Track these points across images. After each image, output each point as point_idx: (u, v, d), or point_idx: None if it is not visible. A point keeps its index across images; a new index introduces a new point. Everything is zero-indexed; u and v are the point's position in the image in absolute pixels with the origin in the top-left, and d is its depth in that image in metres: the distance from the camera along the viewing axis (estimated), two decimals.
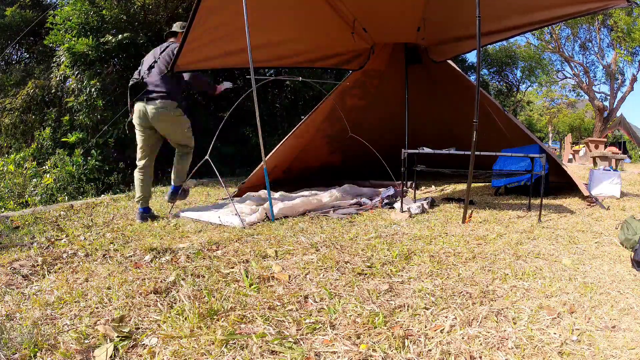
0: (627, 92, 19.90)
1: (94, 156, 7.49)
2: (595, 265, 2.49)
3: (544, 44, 21.23)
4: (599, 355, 1.50)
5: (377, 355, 1.48)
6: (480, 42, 3.56)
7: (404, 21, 5.35)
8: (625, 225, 3.01)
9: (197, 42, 4.22)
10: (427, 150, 4.25)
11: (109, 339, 1.58)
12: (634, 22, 17.57)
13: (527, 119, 30.29)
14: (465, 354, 1.49)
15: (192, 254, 2.70)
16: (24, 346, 1.53)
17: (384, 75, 6.44)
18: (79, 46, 7.77)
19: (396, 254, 2.64)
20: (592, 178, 5.48)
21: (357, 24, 5.37)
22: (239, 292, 2.03)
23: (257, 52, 3.99)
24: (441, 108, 6.60)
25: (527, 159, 4.97)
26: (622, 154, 13.92)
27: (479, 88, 3.60)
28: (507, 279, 2.24)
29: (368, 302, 1.92)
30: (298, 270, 2.36)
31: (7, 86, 10.43)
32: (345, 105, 6.22)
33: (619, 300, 1.96)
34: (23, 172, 7.09)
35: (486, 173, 5.66)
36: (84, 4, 8.10)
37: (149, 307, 1.88)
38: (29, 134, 9.32)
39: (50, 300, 1.97)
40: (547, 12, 4.16)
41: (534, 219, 3.79)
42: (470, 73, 15.66)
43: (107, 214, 4.31)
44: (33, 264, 2.53)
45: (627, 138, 22.95)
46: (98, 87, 7.89)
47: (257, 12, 3.99)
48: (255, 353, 1.50)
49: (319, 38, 5.41)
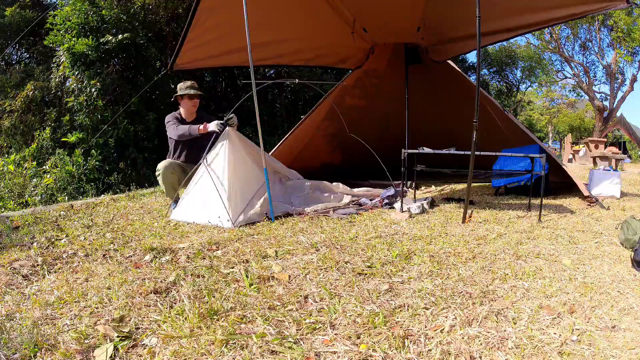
0: (627, 92, 19.92)
1: (94, 156, 7.49)
2: (595, 265, 2.49)
3: (544, 44, 21.24)
4: (599, 355, 1.50)
5: (377, 355, 1.48)
6: (480, 42, 3.56)
7: (403, 21, 5.35)
8: (625, 225, 3.01)
9: (197, 41, 4.23)
10: (427, 150, 4.25)
11: (109, 339, 1.58)
12: (634, 22, 17.58)
13: (527, 119, 30.29)
14: (465, 354, 1.49)
15: (192, 254, 2.70)
16: (24, 346, 1.53)
17: (384, 75, 6.45)
18: (79, 46, 7.77)
19: (396, 254, 2.64)
20: (592, 178, 5.48)
21: (357, 23, 5.37)
22: (239, 292, 2.03)
23: (256, 50, 3.99)
24: (441, 108, 6.60)
25: (527, 159, 4.97)
26: (622, 154, 13.92)
27: (478, 88, 3.60)
28: (507, 279, 2.24)
29: (368, 302, 1.92)
30: (298, 270, 2.36)
31: (6, 88, 10.43)
32: (345, 104, 6.23)
33: (619, 300, 1.96)
34: (23, 172, 7.09)
35: (486, 173, 5.67)
36: (84, 4, 8.10)
37: (149, 307, 1.88)
38: (29, 134, 9.32)
39: (50, 300, 1.97)
40: (548, 13, 4.16)
41: (534, 219, 3.79)
42: (470, 73, 15.68)
43: (107, 214, 4.31)
44: (33, 264, 2.53)
45: (627, 138, 22.95)
46: (98, 87, 7.89)
47: (257, 11, 3.99)
48: (255, 353, 1.50)
49: (318, 37, 5.42)
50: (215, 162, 3.94)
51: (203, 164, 3.99)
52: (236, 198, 3.75)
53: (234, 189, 3.77)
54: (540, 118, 31.58)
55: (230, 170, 3.82)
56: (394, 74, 6.34)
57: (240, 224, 3.58)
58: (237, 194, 3.77)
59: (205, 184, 3.91)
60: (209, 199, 3.78)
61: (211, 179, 3.82)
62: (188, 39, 4.28)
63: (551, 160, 5.03)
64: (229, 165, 3.83)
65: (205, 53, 4.74)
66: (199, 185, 3.97)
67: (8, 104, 9.40)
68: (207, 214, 3.71)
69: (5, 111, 9.40)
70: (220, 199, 3.67)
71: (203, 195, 3.86)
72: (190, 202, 3.94)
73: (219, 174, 3.86)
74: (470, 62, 18.41)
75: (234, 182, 3.80)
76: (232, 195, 3.73)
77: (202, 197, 3.86)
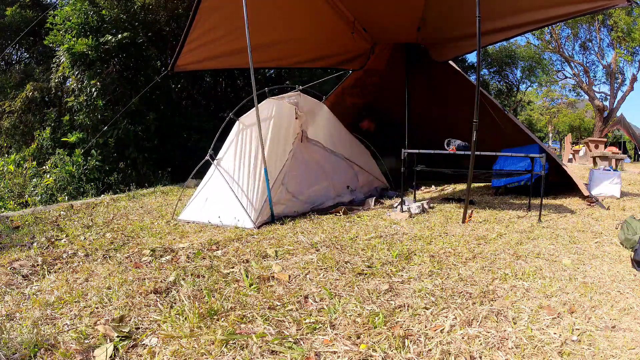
0: (627, 92, 19.90)
1: (94, 156, 7.48)
2: (595, 265, 2.49)
3: (544, 44, 21.23)
4: (599, 355, 1.50)
5: (377, 355, 1.48)
6: (480, 42, 3.56)
7: (404, 21, 5.35)
8: (625, 225, 3.01)
9: (197, 42, 4.22)
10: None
11: (109, 339, 1.58)
12: (634, 22, 17.57)
13: (527, 119, 30.27)
14: (465, 354, 1.49)
15: (192, 254, 2.70)
16: (24, 346, 1.52)
17: (384, 75, 6.44)
18: (79, 46, 7.76)
19: (396, 254, 2.63)
20: (592, 178, 5.48)
21: (357, 24, 5.37)
22: (239, 292, 2.03)
23: (257, 52, 3.99)
24: (441, 108, 6.60)
25: (527, 159, 4.97)
26: (622, 154, 13.92)
27: (478, 88, 3.60)
28: (507, 279, 2.24)
29: (368, 302, 1.92)
30: (298, 270, 2.36)
31: (6, 88, 10.43)
32: (345, 103, 6.22)
33: (619, 300, 1.96)
34: (23, 172, 7.08)
35: (486, 173, 5.66)
36: (84, 4, 8.09)
37: (149, 307, 1.88)
38: (29, 134, 9.31)
39: (50, 300, 1.97)
40: (548, 11, 4.16)
41: (534, 219, 3.79)
42: (470, 73, 15.65)
43: (107, 214, 4.31)
44: (33, 264, 2.53)
45: (627, 138, 22.94)
46: (98, 87, 7.88)
47: (257, 12, 3.99)
48: (255, 353, 1.50)
49: (319, 38, 5.42)
50: (225, 160, 3.92)
51: (213, 164, 3.98)
52: (253, 197, 3.73)
53: (250, 188, 3.76)
54: (540, 118, 31.56)
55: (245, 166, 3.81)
56: (394, 74, 6.34)
57: (260, 224, 3.57)
58: (254, 193, 3.74)
59: (217, 184, 3.89)
60: (223, 199, 3.76)
61: (223, 179, 3.81)
62: (188, 40, 4.28)
63: (551, 160, 5.03)
64: (243, 161, 3.82)
65: (205, 55, 4.74)
66: (210, 185, 3.96)
67: (8, 104, 9.40)
68: (223, 214, 3.68)
69: (5, 111, 9.39)
70: (237, 199, 3.65)
71: (217, 195, 3.84)
72: (201, 202, 3.92)
73: (230, 172, 3.84)
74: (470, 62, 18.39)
75: (249, 181, 3.79)
76: (249, 194, 3.72)
77: (216, 197, 3.84)
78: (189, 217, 3.88)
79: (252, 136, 3.93)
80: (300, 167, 4.29)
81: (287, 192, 4.02)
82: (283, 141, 4.10)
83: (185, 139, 9.07)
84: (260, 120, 3.70)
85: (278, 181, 3.91)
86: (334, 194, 4.65)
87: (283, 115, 4.12)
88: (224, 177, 3.84)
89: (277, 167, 3.95)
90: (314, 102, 4.72)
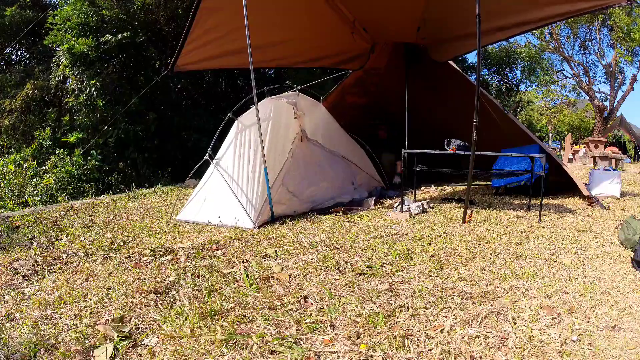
0: (627, 92, 19.89)
1: (94, 156, 7.48)
2: (595, 265, 2.49)
3: (544, 44, 21.22)
4: (599, 355, 1.50)
5: (377, 355, 1.48)
6: (480, 42, 3.56)
7: (404, 21, 5.35)
8: (625, 225, 3.01)
9: (197, 42, 4.22)
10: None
11: (109, 339, 1.58)
12: (634, 22, 17.56)
13: (527, 119, 30.27)
14: (465, 354, 1.49)
15: (192, 254, 2.70)
16: (24, 346, 1.53)
17: (384, 75, 6.44)
18: (79, 46, 7.76)
19: (396, 254, 2.63)
20: (592, 178, 5.48)
21: (357, 24, 5.37)
22: (239, 292, 2.03)
23: (257, 52, 3.99)
24: (441, 108, 6.60)
25: (527, 159, 4.97)
26: (622, 154, 13.92)
27: (478, 88, 3.60)
28: (507, 279, 2.24)
29: (368, 302, 1.92)
30: (298, 270, 2.36)
31: (6, 87, 10.43)
32: (345, 103, 6.22)
33: (619, 300, 1.96)
34: (23, 172, 7.08)
35: (486, 173, 5.66)
36: (84, 4, 8.10)
37: (149, 307, 1.88)
38: (29, 134, 9.31)
39: (50, 300, 1.97)
40: (548, 10, 4.16)
41: (534, 219, 3.79)
42: (470, 73, 15.65)
43: (107, 214, 4.31)
44: (33, 264, 2.53)
45: (627, 138, 22.94)
46: (98, 87, 7.89)
47: (257, 12, 3.99)
48: (255, 353, 1.50)
49: (318, 38, 5.42)
50: (224, 160, 3.92)
51: (212, 163, 3.97)
52: (252, 197, 3.72)
53: (249, 187, 3.75)
54: (540, 118, 31.55)
55: (245, 166, 3.80)
56: (394, 74, 6.33)
57: (260, 224, 3.57)
58: (253, 193, 3.74)
59: (216, 183, 3.88)
60: (223, 199, 3.75)
61: (223, 178, 3.80)
62: (188, 40, 4.27)
63: (551, 160, 5.03)
64: (242, 161, 3.81)
65: (205, 55, 4.74)
66: (210, 184, 3.95)
67: (8, 104, 9.40)
68: (223, 214, 3.67)
69: (5, 111, 9.39)
70: (237, 199, 3.65)
71: (216, 194, 3.83)
72: (200, 202, 3.91)
73: (229, 172, 3.83)
74: (470, 62, 18.39)
75: (248, 181, 3.78)
76: (249, 193, 3.71)
77: (215, 196, 3.83)
78: (188, 217, 3.87)
79: (252, 136, 3.93)
80: (300, 166, 4.28)
81: (287, 192, 4.01)
82: (282, 141, 4.10)
83: (185, 139, 9.07)
84: (260, 120, 3.70)
85: (278, 181, 3.91)
86: (334, 193, 4.65)
87: (281, 115, 4.12)
88: (224, 176, 3.83)
89: (277, 167, 3.94)
90: (312, 102, 4.73)
